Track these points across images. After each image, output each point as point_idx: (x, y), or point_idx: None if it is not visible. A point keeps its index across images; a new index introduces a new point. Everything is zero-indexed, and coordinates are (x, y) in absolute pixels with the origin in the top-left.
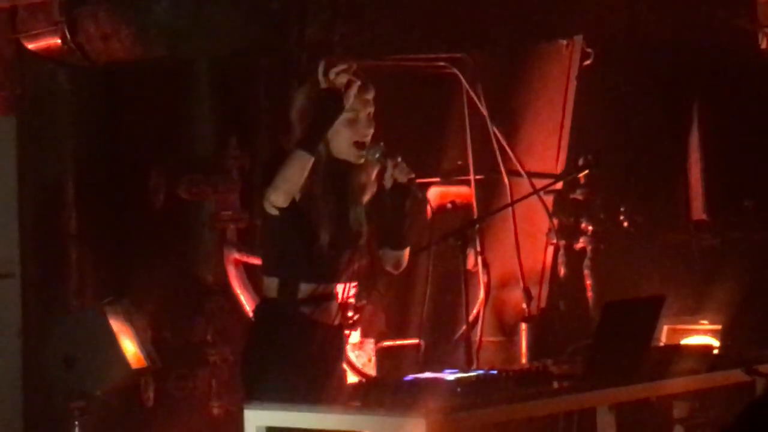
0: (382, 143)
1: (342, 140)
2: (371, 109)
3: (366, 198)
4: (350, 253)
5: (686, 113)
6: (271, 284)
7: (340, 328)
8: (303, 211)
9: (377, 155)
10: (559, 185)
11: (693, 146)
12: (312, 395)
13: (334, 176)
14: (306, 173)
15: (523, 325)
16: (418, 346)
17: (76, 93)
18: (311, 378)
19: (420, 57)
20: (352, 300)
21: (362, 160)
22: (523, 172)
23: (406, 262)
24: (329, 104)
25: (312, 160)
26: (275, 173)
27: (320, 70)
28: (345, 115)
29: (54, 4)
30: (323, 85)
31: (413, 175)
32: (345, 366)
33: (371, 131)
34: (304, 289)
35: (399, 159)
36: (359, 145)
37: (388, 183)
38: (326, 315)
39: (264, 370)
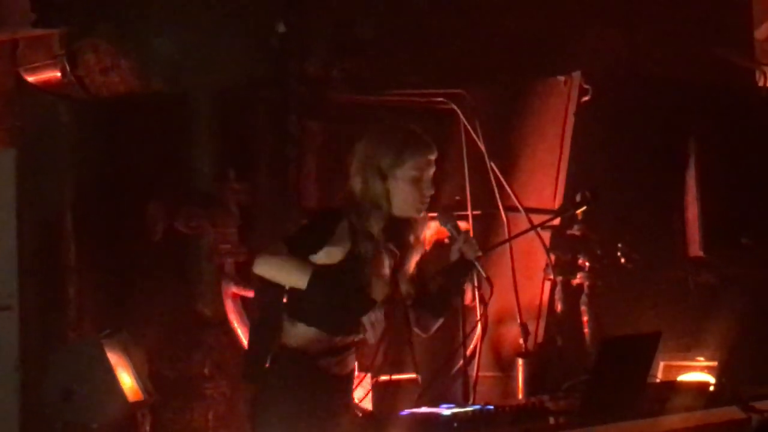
0: (454, 214)
1: (404, 199)
2: (433, 170)
3: (415, 259)
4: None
5: (684, 150)
6: (298, 330)
7: (351, 375)
8: (345, 269)
9: (449, 225)
10: (556, 221)
11: (690, 183)
12: None
13: (390, 234)
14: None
15: (520, 361)
16: (415, 380)
17: (76, 126)
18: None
19: (418, 92)
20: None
21: (421, 214)
22: (520, 208)
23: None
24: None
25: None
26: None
27: None
28: (410, 173)
29: (54, 37)
30: None
31: (481, 253)
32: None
33: (432, 192)
34: (330, 340)
35: (470, 234)
36: (423, 203)
37: (454, 256)
38: (343, 366)
39: (277, 418)
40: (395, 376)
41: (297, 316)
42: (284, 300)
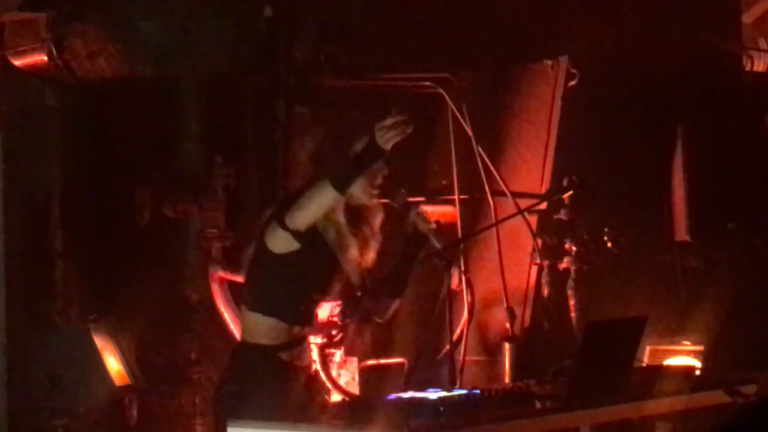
0: (403, 190)
1: (355, 186)
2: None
3: (374, 249)
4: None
5: (671, 134)
6: (256, 322)
7: (309, 368)
8: (303, 258)
9: (399, 202)
10: (543, 205)
11: (677, 168)
12: None
13: (350, 224)
14: (325, 210)
15: (507, 345)
16: (401, 365)
17: (63, 110)
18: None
19: (406, 77)
20: (335, 319)
21: (374, 201)
22: (507, 192)
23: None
24: (375, 153)
25: (337, 199)
26: (295, 200)
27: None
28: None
29: (41, 21)
30: None
31: (434, 225)
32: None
33: (386, 172)
34: (289, 331)
35: (420, 208)
36: (375, 186)
37: (408, 230)
38: (303, 358)
39: (245, 413)
40: (382, 361)
41: (255, 308)
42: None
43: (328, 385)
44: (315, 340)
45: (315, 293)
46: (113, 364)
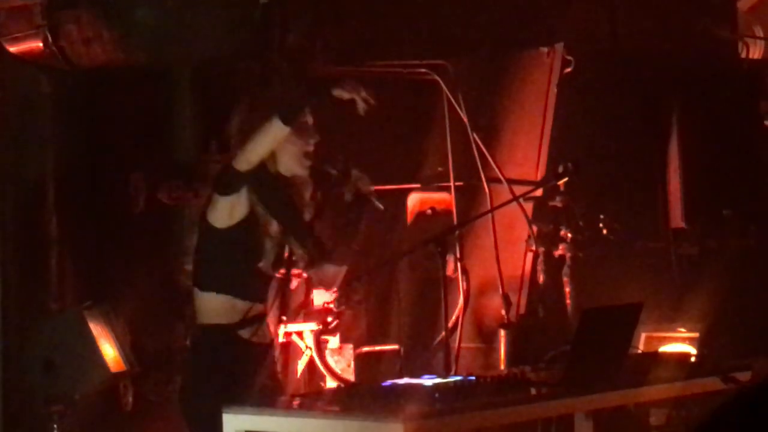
0: (341, 156)
1: (289, 153)
2: (311, 122)
3: (308, 217)
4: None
5: (666, 121)
6: (210, 301)
7: (272, 345)
8: (248, 229)
9: (336, 168)
10: (538, 192)
11: (672, 155)
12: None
13: (280, 195)
14: (275, 145)
15: (502, 332)
16: (397, 351)
17: (57, 97)
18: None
19: (401, 64)
20: (331, 305)
21: (308, 171)
22: (503, 179)
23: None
24: (318, 92)
25: (286, 133)
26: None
27: None
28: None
29: (36, 7)
30: None
31: (373, 188)
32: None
33: (317, 138)
34: (243, 309)
35: (358, 170)
36: (308, 155)
37: (348, 196)
38: (263, 336)
39: (210, 400)
40: (377, 347)
41: (207, 287)
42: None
43: (324, 371)
44: (310, 327)
45: (267, 265)
46: (108, 351)
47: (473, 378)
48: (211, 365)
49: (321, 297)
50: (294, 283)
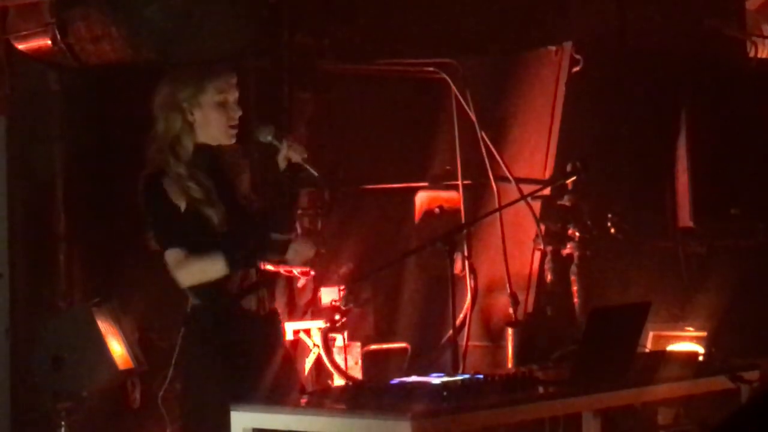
0: (272, 125)
1: (214, 125)
2: (237, 93)
3: (244, 185)
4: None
5: (674, 121)
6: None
7: (274, 315)
8: (195, 213)
9: (269, 137)
10: (546, 191)
11: (680, 154)
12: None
13: (208, 166)
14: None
15: (510, 330)
16: (404, 349)
17: (66, 94)
18: (258, 376)
19: (410, 62)
20: (338, 303)
21: (234, 140)
22: (511, 178)
23: None
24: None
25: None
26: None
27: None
28: (214, 98)
29: (45, 5)
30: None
31: (306, 155)
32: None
33: (240, 113)
34: (237, 279)
35: (291, 139)
36: (234, 126)
37: (282, 164)
38: (261, 306)
39: (210, 363)
40: (385, 345)
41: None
42: None
43: (331, 369)
44: (318, 325)
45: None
46: (116, 348)
47: (481, 376)
48: (210, 330)
49: (329, 295)
50: (302, 282)
